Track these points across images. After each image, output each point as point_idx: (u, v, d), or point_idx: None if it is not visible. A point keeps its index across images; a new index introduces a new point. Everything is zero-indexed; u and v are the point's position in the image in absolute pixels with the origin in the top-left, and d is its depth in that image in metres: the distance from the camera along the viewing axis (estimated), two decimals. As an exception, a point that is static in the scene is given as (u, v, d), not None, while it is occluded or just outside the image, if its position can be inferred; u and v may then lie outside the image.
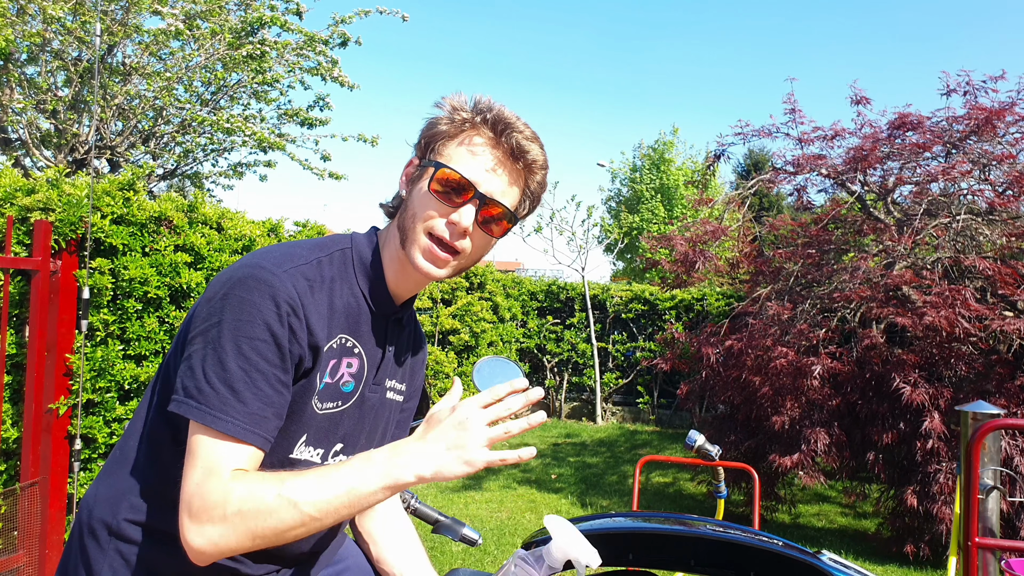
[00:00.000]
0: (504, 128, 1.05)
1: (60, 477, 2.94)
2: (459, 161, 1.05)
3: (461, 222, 1.04)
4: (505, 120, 1.05)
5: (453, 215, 1.04)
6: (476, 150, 1.05)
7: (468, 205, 1.04)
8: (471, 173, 1.04)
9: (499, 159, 1.06)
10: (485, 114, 1.06)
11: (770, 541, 1.54)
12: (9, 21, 5.20)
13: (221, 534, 0.88)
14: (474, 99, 1.08)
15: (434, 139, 1.08)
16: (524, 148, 1.06)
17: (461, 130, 1.06)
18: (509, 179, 1.07)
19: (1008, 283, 4.49)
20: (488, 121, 1.06)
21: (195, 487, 0.90)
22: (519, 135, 1.05)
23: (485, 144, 1.05)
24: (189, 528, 0.89)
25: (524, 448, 0.93)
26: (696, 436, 2.52)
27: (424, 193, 1.05)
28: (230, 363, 0.92)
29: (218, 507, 0.88)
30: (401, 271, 1.11)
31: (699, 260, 5.53)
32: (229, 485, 0.90)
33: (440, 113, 1.09)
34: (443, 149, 1.06)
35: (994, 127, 4.86)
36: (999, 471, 2.20)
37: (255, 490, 0.89)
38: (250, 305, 0.94)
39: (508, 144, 1.06)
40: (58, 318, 2.93)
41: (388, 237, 1.13)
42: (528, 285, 9.62)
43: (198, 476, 0.91)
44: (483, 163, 1.05)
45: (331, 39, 6.85)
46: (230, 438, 0.92)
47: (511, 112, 1.07)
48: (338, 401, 1.07)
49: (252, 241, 3.82)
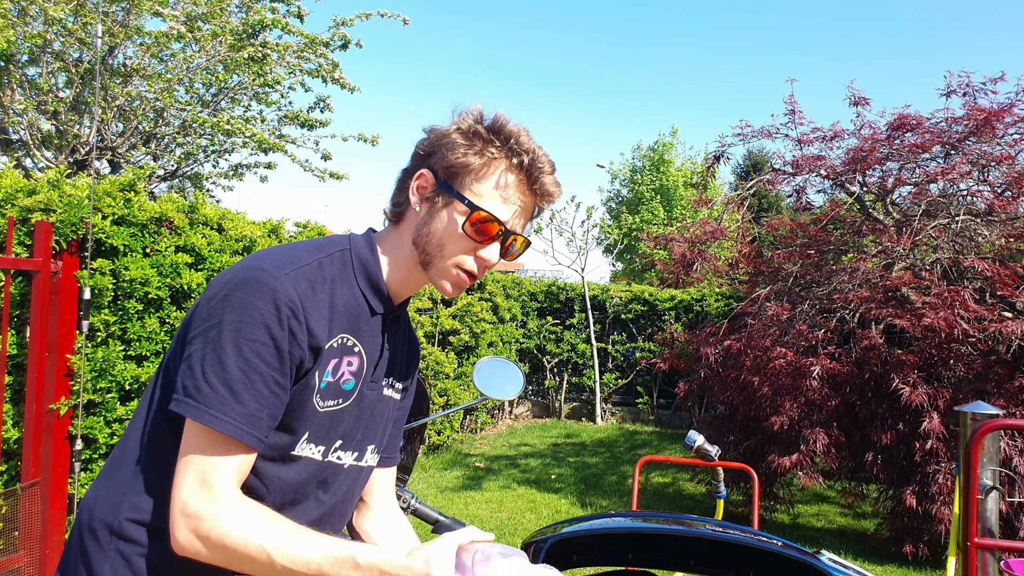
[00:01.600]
0: (537, 174, 1.09)
1: (61, 477, 2.95)
2: (492, 202, 1.07)
3: (491, 259, 1.09)
4: (537, 165, 1.09)
5: (482, 251, 1.09)
6: (509, 196, 1.08)
7: (496, 243, 1.09)
8: (503, 214, 1.08)
9: (526, 203, 1.11)
10: (519, 154, 1.08)
11: (769, 541, 1.55)
12: (10, 22, 5.21)
13: (199, 550, 0.94)
14: (498, 122, 1.09)
15: (462, 171, 1.07)
16: (551, 194, 1.11)
17: (491, 166, 1.08)
18: (530, 214, 1.14)
19: (1007, 284, 4.50)
20: (523, 166, 1.08)
21: (190, 492, 0.93)
22: (548, 180, 1.10)
23: (515, 188, 1.09)
24: (178, 525, 0.93)
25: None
26: (695, 436, 2.52)
27: (455, 230, 1.07)
28: (230, 364, 0.94)
29: (205, 524, 0.92)
30: (406, 278, 1.13)
31: (698, 260, 5.54)
32: (222, 510, 0.93)
33: (456, 129, 1.08)
34: (474, 186, 1.07)
35: (993, 128, 4.87)
36: (998, 471, 2.21)
37: (244, 529, 0.93)
38: (251, 307, 0.95)
39: (539, 190, 1.10)
40: (59, 319, 2.93)
41: (394, 245, 1.14)
42: (528, 286, 9.63)
43: (194, 480, 0.94)
44: (514, 206, 1.09)
45: (332, 41, 6.86)
46: (226, 438, 0.94)
47: (536, 145, 1.10)
48: (339, 399, 1.08)
49: (253, 242, 3.82)
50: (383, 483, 1.32)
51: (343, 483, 1.15)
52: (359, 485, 1.21)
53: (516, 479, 6.18)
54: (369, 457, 1.19)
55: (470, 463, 6.74)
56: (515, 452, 7.34)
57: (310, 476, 1.08)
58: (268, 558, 0.92)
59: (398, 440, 1.32)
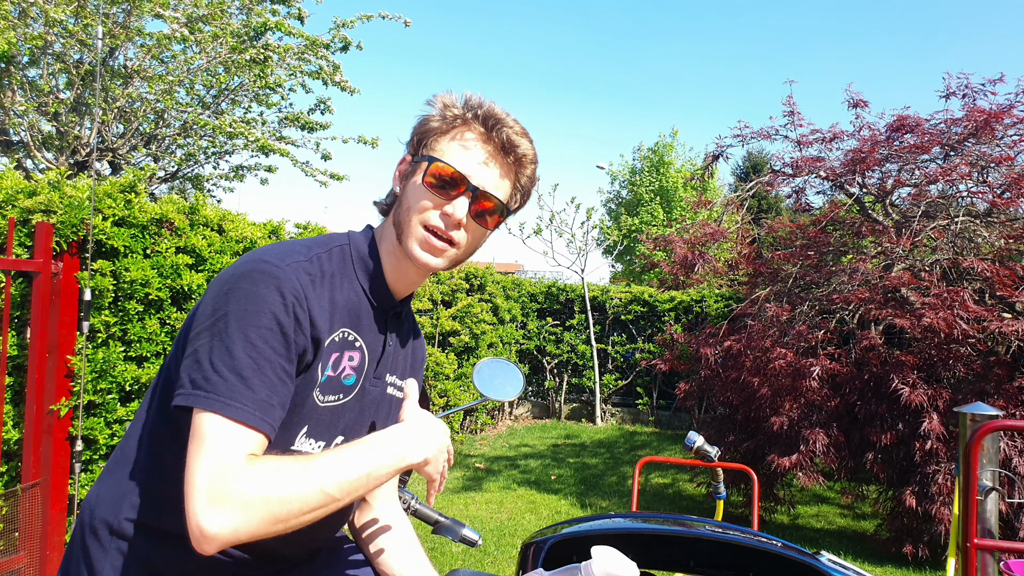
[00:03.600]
0: (495, 123, 1.08)
1: (61, 478, 2.95)
2: (451, 155, 1.08)
3: (455, 214, 1.06)
4: (495, 116, 1.09)
5: (447, 207, 1.07)
6: (468, 144, 1.08)
7: (462, 198, 1.07)
8: (463, 166, 1.07)
9: (490, 153, 1.09)
10: (476, 110, 1.09)
11: (769, 542, 1.55)
12: (11, 24, 5.22)
13: (243, 519, 0.85)
14: (464, 96, 1.11)
15: (426, 135, 1.10)
16: (514, 142, 1.09)
17: (452, 126, 1.10)
18: (500, 172, 1.10)
19: (1006, 284, 4.50)
20: (479, 117, 1.09)
21: (210, 473, 0.86)
22: (509, 130, 1.09)
23: (476, 139, 1.09)
24: (205, 514, 0.85)
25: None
26: (695, 437, 2.52)
27: (418, 186, 1.08)
28: (238, 351, 0.92)
29: (239, 493, 0.85)
30: (399, 265, 1.13)
31: (698, 261, 5.55)
32: (249, 470, 0.88)
33: (431, 111, 1.11)
34: (435, 144, 1.09)
35: (992, 129, 4.88)
36: (998, 472, 2.21)
37: (280, 472, 0.89)
38: (256, 296, 0.95)
39: (499, 139, 1.09)
40: (59, 320, 2.93)
41: (384, 234, 1.15)
42: (528, 287, 9.63)
43: (210, 463, 0.87)
44: (475, 157, 1.08)
45: (332, 43, 6.86)
46: (241, 423, 0.90)
47: (501, 108, 1.10)
48: (340, 394, 1.08)
49: (253, 243, 3.83)
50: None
51: None
52: None
53: (516, 480, 6.18)
54: None
55: (470, 464, 6.74)
56: (515, 453, 7.34)
57: None
58: (316, 484, 0.89)
59: None
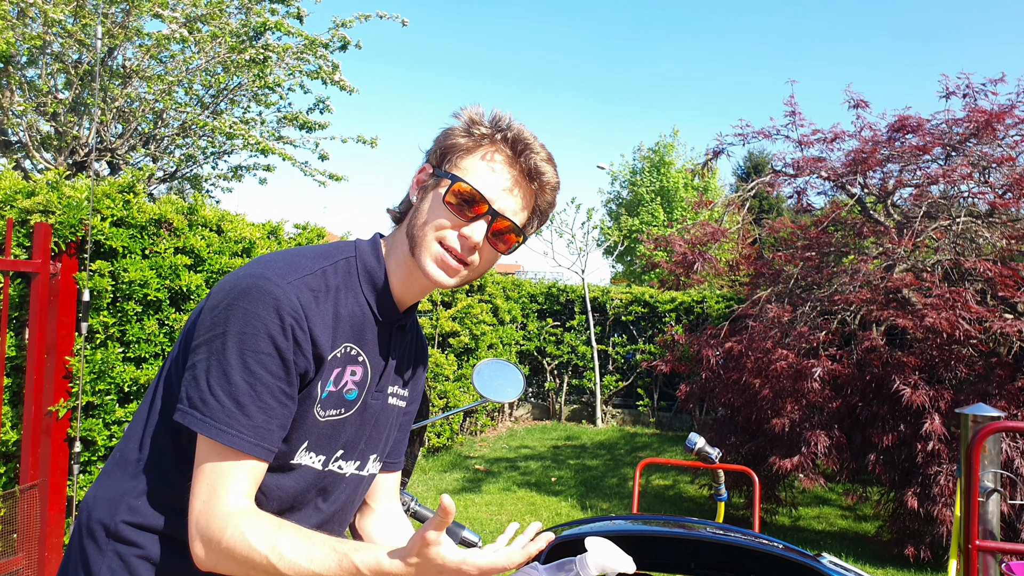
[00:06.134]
0: (523, 148, 1.06)
1: (59, 480, 2.94)
2: (476, 176, 1.05)
3: (473, 236, 1.04)
4: (524, 140, 1.07)
5: (465, 228, 1.05)
6: (495, 167, 1.06)
7: (480, 220, 1.05)
8: (487, 189, 1.05)
9: (515, 178, 1.07)
10: (505, 132, 1.07)
11: (770, 544, 1.54)
12: (10, 24, 5.21)
13: (215, 562, 0.94)
14: (493, 114, 1.09)
15: (451, 151, 1.08)
16: (541, 169, 1.07)
17: (479, 144, 1.07)
18: (523, 198, 1.08)
19: (1008, 285, 4.50)
20: (508, 140, 1.07)
21: (201, 506, 0.94)
22: (536, 156, 1.07)
23: (503, 163, 1.07)
24: (193, 541, 0.94)
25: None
26: (696, 439, 2.51)
27: (438, 203, 1.06)
28: (235, 376, 0.94)
29: (215, 536, 0.92)
30: (407, 277, 1.11)
31: (698, 262, 5.54)
32: (230, 519, 0.93)
33: (457, 124, 1.09)
34: (460, 162, 1.07)
35: (994, 130, 4.87)
36: (999, 474, 2.20)
37: (249, 538, 0.91)
38: (254, 318, 0.95)
39: (525, 164, 1.07)
40: (58, 320, 2.93)
41: (395, 244, 1.13)
42: (528, 287, 9.62)
43: (204, 494, 0.94)
44: (500, 181, 1.06)
45: (331, 43, 6.86)
46: (235, 451, 0.94)
47: (530, 132, 1.08)
48: (341, 408, 1.07)
49: (252, 244, 3.82)
50: (387, 486, 1.31)
51: (343, 492, 1.14)
52: (359, 494, 1.20)
53: (516, 481, 6.17)
54: (371, 466, 1.19)
55: (470, 465, 6.73)
56: (515, 454, 7.33)
57: (309, 484, 1.07)
58: (273, 568, 0.91)
59: (403, 445, 1.31)
